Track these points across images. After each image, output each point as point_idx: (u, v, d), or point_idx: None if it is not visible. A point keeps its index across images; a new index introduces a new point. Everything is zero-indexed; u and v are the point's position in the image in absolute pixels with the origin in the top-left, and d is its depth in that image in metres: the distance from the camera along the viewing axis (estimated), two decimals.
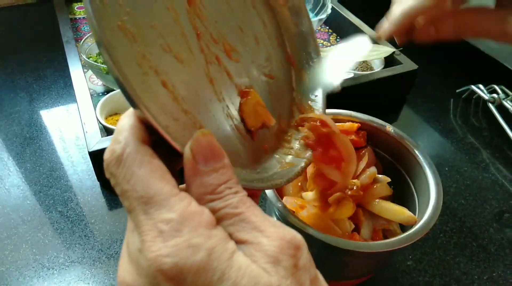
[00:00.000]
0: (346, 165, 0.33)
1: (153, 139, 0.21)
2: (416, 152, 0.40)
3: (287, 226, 0.20)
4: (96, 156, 0.51)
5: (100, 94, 0.66)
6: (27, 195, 0.53)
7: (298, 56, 0.34)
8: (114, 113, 0.60)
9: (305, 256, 0.19)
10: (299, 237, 0.20)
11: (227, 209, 0.19)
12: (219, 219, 0.19)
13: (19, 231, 0.49)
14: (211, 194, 0.19)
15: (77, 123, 0.64)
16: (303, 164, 0.29)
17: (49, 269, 0.46)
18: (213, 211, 0.19)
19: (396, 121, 0.72)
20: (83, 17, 0.84)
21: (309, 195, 0.37)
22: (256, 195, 0.27)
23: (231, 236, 0.19)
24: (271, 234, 0.19)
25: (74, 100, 0.68)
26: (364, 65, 0.74)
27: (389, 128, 0.42)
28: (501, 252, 0.51)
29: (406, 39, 0.32)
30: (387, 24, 0.31)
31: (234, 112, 0.28)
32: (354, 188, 0.36)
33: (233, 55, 0.28)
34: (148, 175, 0.19)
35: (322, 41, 0.84)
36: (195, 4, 0.27)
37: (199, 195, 0.20)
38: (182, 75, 0.24)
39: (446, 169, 0.62)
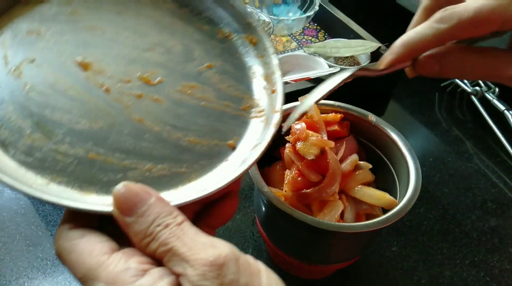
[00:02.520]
0: (327, 179, 0.37)
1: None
2: (396, 139, 0.41)
3: (216, 243, 0.21)
4: None
5: None
6: None
7: None
8: None
9: (232, 270, 0.20)
10: (223, 253, 0.20)
11: (160, 248, 0.21)
12: (160, 259, 0.21)
13: (13, 224, 0.50)
14: (144, 238, 0.21)
15: None
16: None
17: (42, 259, 0.47)
18: (152, 253, 0.21)
19: (383, 115, 0.74)
20: None
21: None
22: (234, 190, 0.29)
23: (172, 271, 0.21)
24: (195, 261, 0.20)
25: None
26: (351, 60, 0.76)
27: (371, 117, 0.44)
28: (483, 237, 0.53)
29: (415, 73, 0.30)
30: (387, 53, 0.30)
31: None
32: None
33: (154, 80, 0.30)
34: (77, 257, 0.21)
35: (310, 38, 0.85)
36: (90, 66, 0.29)
37: (138, 243, 0.22)
38: (113, 136, 0.27)
39: (431, 160, 0.64)
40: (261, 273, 0.21)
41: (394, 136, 0.42)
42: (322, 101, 0.45)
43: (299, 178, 0.38)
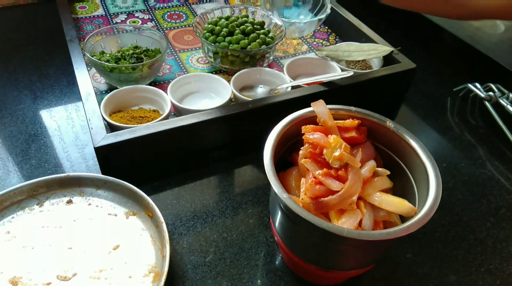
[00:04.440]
0: (349, 188, 0.37)
1: None
2: (415, 145, 0.41)
3: None
4: (101, 152, 0.51)
5: (103, 92, 0.67)
6: None
7: None
8: (117, 111, 0.61)
9: None
10: None
11: None
12: None
13: None
14: None
15: (81, 120, 0.65)
16: None
17: None
18: None
19: (395, 119, 0.74)
20: (85, 17, 0.85)
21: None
22: None
23: None
24: None
25: (77, 98, 0.69)
26: (363, 64, 0.75)
27: (389, 123, 0.43)
28: (498, 245, 0.52)
29: None
30: None
31: None
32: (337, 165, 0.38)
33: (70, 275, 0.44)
34: None
35: (321, 41, 0.85)
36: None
37: None
38: None
39: (444, 165, 0.63)
40: None
41: (413, 142, 0.41)
42: (339, 107, 0.45)
43: (317, 186, 0.37)
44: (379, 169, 0.41)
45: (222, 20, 0.73)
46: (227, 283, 0.46)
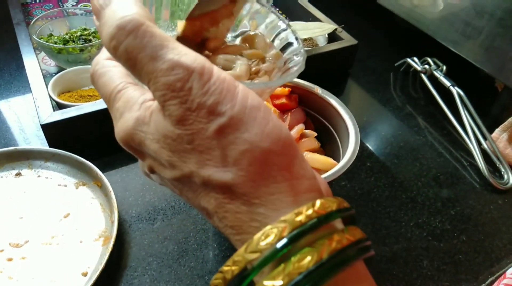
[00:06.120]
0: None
1: None
2: (339, 108, 0.44)
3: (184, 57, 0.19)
4: (48, 129, 0.53)
5: (53, 74, 0.68)
6: None
7: None
8: (67, 91, 0.62)
9: (196, 88, 0.19)
10: (187, 63, 0.19)
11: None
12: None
13: None
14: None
15: (31, 103, 0.65)
16: None
17: None
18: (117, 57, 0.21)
19: (342, 94, 0.78)
20: (35, 1, 0.84)
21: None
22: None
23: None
24: (157, 82, 0.19)
25: (28, 82, 0.69)
26: (310, 42, 0.78)
27: (318, 89, 0.47)
28: (427, 202, 0.57)
29: None
30: None
31: None
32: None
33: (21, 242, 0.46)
34: (106, 80, 0.23)
35: None
36: None
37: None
38: None
39: (383, 133, 0.68)
40: (237, 89, 0.20)
41: (337, 105, 0.45)
42: None
43: None
44: (307, 131, 0.45)
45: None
46: (173, 246, 0.48)
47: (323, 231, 0.19)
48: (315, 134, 0.45)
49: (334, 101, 0.45)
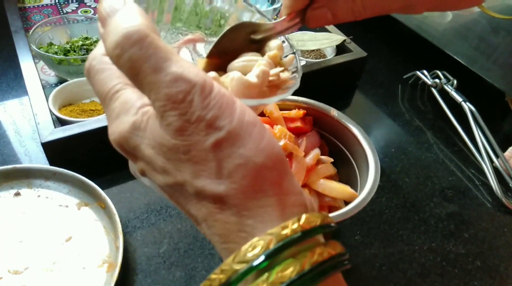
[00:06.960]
0: None
1: None
2: (357, 133, 0.43)
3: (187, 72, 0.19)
4: (49, 147, 0.50)
5: (53, 85, 0.65)
6: None
7: None
8: (68, 104, 0.60)
9: (197, 101, 0.19)
10: (190, 76, 0.19)
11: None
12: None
13: None
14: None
15: (30, 115, 0.63)
16: None
17: None
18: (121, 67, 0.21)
19: (349, 107, 0.76)
20: (33, 6, 0.81)
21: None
22: None
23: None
24: (159, 91, 0.19)
25: (26, 92, 0.66)
26: (317, 53, 0.77)
27: (334, 112, 0.45)
28: (440, 224, 0.56)
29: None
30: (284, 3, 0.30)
31: None
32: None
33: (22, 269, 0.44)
34: (103, 78, 0.22)
35: None
36: None
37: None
38: None
39: (393, 150, 0.66)
40: (236, 104, 0.20)
41: (355, 130, 0.43)
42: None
43: None
44: (323, 157, 0.43)
45: None
46: (180, 273, 0.46)
47: (306, 244, 0.20)
48: (332, 159, 0.43)
49: (351, 125, 0.44)
